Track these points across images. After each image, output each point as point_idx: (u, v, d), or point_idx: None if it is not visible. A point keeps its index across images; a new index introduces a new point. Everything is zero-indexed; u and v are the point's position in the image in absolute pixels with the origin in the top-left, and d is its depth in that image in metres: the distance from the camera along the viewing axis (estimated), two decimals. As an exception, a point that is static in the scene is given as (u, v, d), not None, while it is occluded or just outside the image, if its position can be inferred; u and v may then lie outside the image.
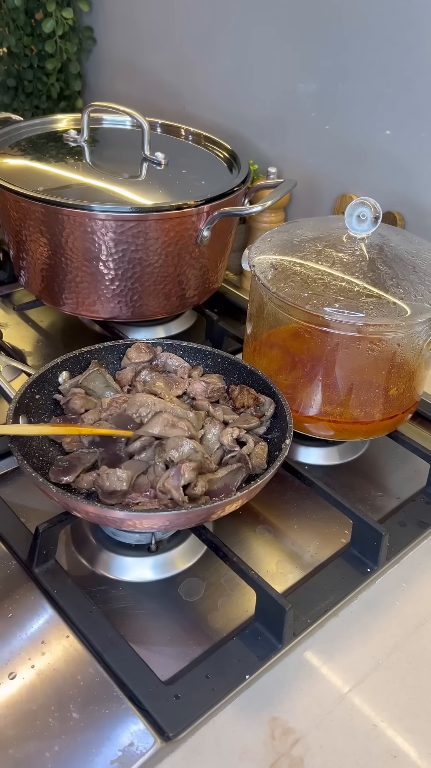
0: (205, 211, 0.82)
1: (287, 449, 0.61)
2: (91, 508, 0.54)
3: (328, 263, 0.70)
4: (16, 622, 0.57)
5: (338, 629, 0.60)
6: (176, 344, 0.73)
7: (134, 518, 0.54)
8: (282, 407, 0.66)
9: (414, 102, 0.91)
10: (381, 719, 0.54)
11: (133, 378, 0.70)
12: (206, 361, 0.73)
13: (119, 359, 0.73)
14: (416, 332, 0.68)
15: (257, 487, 0.57)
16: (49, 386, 0.68)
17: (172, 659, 0.56)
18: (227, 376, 0.72)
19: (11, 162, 0.90)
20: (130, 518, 0.54)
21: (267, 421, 0.67)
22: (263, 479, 0.57)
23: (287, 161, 1.09)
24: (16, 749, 0.49)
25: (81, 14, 1.31)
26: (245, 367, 0.71)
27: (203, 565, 0.64)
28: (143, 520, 0.54)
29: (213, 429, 0.65)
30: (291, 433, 0.63)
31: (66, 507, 0.57)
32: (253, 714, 0.53)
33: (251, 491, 0.57)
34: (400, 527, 0.68)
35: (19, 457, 0.58)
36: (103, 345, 0.72)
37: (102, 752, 0.49)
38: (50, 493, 0.56)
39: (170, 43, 1.19)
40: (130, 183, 0.86)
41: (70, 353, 0.70)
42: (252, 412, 0.67)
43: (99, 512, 0.54)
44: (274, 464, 0.59)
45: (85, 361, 0.71)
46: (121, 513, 0.53)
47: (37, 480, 0.55)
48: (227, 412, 0.67)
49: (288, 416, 0.64)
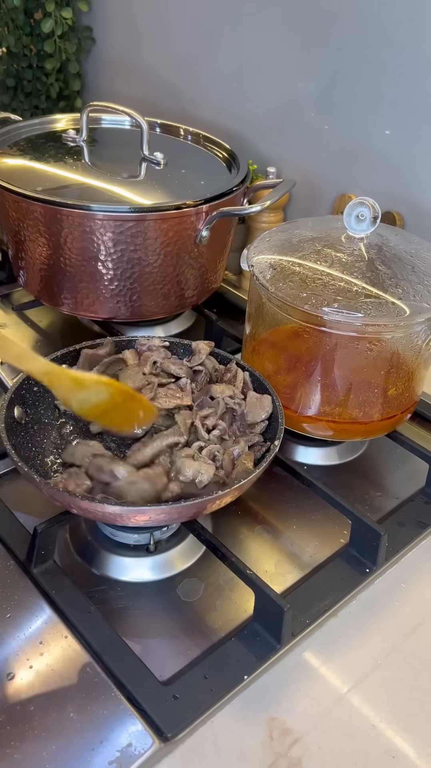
0: (203, 211, 0.82)
1: (275, 449, 0.61)
2: (84, 504, 0.54)
3: (327, 263, 0.70)
4: (14, 622, 0.57)
5: (337, 629, 0.60)
6: (178, 342, 0.73)
7: (129, 513, 0.54)
8: (276, 408, 0.66)
9: (413, 102, 0.91)
10: (380, 719, 0.54)
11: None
12: None
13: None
14: (415, 332, 0.68)
15: (248, 482, 0.57)
16: None
17: (170, 659, 0.56)
18: (226, 373, 0.72)
19: (10, 162, 0.90)
20: (125, 513, 0.54)
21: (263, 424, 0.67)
22: (255, 473, 0.57)
23: (286, 161, 1.09)
24: (14, 749, 0.49)
25: (80, 14, 1.31)
26: (244, 366, 0.71)
27: (202, 566, 0.64)
28: (138, 515, 0.54)
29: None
30: (281, 433, 0.63)
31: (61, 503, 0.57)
32: (252, 714, 0.53)
33: (243, 485, 0.56)
34: (399, 527, 0.68)
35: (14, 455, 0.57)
36: (103, 341, 0.71)
37: (100, 752, 0.49)
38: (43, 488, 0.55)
39: (169, 43, 1.19)
40: (129, 183, 0.86)
41: (70, 347, 0.70)
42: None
43: (94, 507, 0.54)
44: (266, 458, 0.59)
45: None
46: (116, 508, 0.53)
47: (30, 475, 0.55)
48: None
49: (280, 417, 0.64)
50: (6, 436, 0.59)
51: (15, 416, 0.63)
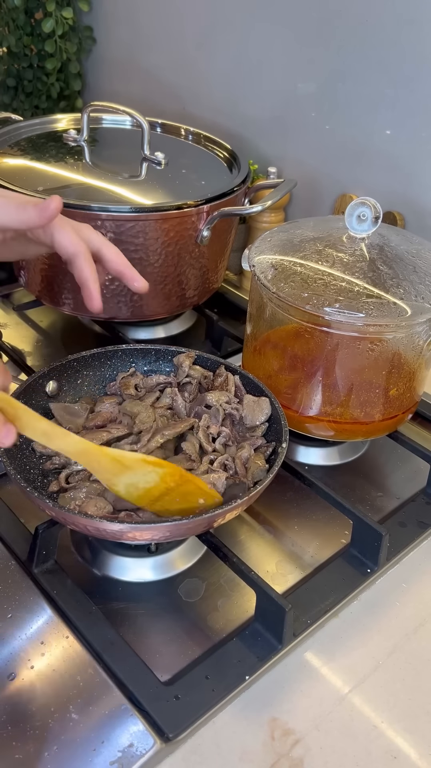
0: (204, 211, 0.82)
1: (284, 453, 0.61)
2: (86, 521, 0.53)
3: (328, 263, 0.70)
4: (15, 622, 0.57)
5: (338, 630, 0.60)
6: (164, 349, 0.73)
7: (134, 530, 0.53)
8: (276, 410, 0.65)
9: (414, 102, 0.91)
10: (382, 720, 0.54)
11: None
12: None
13: (105, 365, 0.72)
14: (416, 332, 0.68)
15: (256, 494, 0.57)
16: (37, 396, 0.67)
17: (171, 660, 0.56)
18: (217, 378, 0.72)
19: (11, 162, 0.89)
20: (129, 530, 0.53)
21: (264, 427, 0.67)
22: (262, 485, 0.57)
23: (287, 161, 1.09)
24: (16, 750, 0.49)
25: (81, 14, 1.31)
26: (235, 370, 0.71)
27: (203, 566, 0.64)
28: (143, 532, 0.54)
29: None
30: (287, 435, 0.63)
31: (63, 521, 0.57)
32: (253, 715, 0.53)
33: (250, 498, 0.56)
34: (400, 528, 0.68)
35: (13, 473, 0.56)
36: (90, 352, 0.71)
37: (101, 753, 0.49)
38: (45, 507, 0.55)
39: (170, 42, 1.19)
40: (130, 183, 0.86)
41: (56, 362, 0.69)
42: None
43: (97, 525, 0.53)
44: (272, 469, 0.59)
45: (71, 369, 0.70)
46: (121, 525, 0.52)
47: (32, 495, 0.54)
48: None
49: (282, 419, 0.64)
50: (8, 461, 0.58)
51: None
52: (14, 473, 0.56)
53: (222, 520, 0.57)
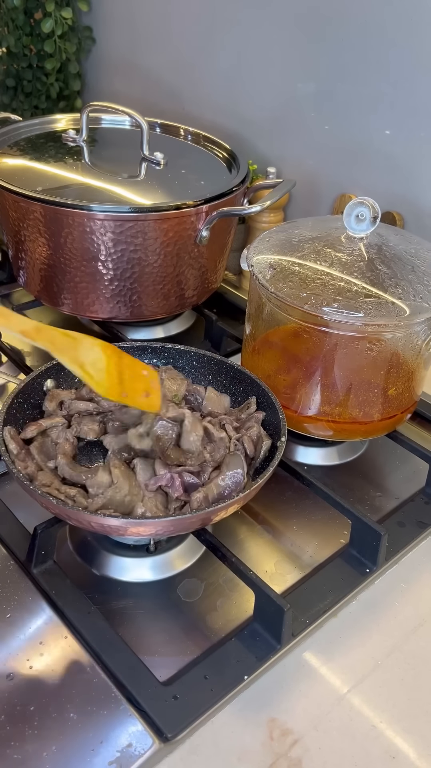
0: (203, 211, 0.82)
1: (283, 447, 0.61)
2: (89, 518, 0.53)
3: (327, 263, 0.70)
4: (14, 622, 0.57)
5: (337, 630, 0.60)
6: (160, 347, 0.73)
7: (136, 525, 0.53)
8: (274, 407, 0.65)
9: (413, 102, 0.91)
10: (380, 720, 0.54)
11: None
12: (192, 362, 0.73)
13: None
14: (415, 332, 0.68)
15: (254, 489, 0.57)
16: (34, 395, 0.67)
17: (170, 660, 0.56)
18: (214, 377, 0.72)
19: (10, 162, 0.89)
20: (128, 525, 0.53)
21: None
22: (261, 481, 0.57)
23: (286, 161, 1.09)
24: (14, 750, 0.49)
25: (80, 14, 1.31)
26: (232, 367, 0.71)
27: (202, 566, 0.64)
28: (145, 527, 0.54)
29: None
30: (286, 429, 0.63)
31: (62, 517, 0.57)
32: (252, 715, 0.53)
33: (249, 494, 0.57)
34: (399, 527, 0.68)
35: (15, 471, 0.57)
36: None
37: (100, 753, 0.49)
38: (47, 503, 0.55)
39: (169, 42, 1.19)
40: (129, 183, 0.86)
41: (53, 361, 0.69)
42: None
43: (100, 521, 0.53)
44: (271, 464, 0.59)
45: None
46: (119, 521, 0.53)
47: (34, 492, 0.55)
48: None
49: (280, 413, 0.64)
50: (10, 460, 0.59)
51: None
52: (17, 471, 0.57)
53: (225, 513, 0.57)
